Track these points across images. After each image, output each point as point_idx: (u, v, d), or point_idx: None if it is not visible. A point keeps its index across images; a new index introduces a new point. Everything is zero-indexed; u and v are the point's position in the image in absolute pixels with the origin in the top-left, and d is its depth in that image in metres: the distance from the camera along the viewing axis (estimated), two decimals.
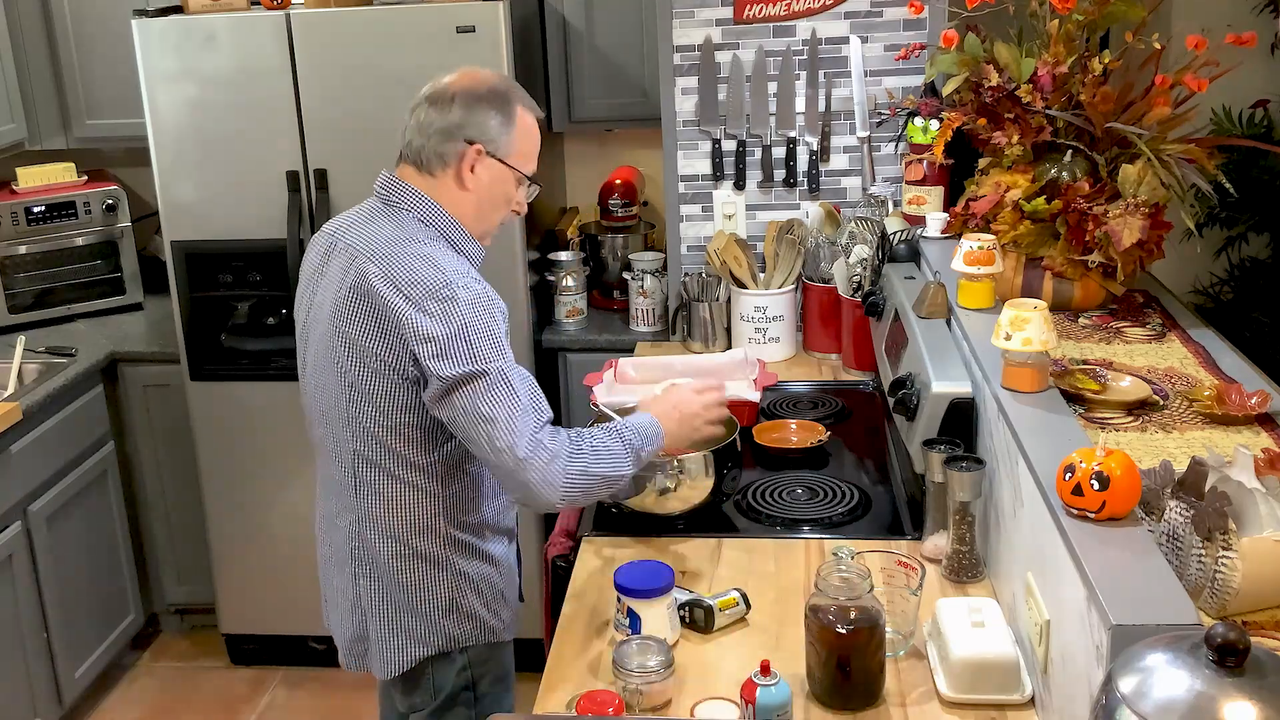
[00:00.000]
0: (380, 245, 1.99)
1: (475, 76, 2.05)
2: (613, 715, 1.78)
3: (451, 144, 2.02)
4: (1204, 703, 1.12)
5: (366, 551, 2.10)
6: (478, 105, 2.01)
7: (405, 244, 1.98)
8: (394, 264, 1.96)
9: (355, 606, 2.15)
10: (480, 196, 2.06)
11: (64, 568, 3.41)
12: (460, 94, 2.02)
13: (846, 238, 3.14)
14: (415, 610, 2.10)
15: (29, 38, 3.73)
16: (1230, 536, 1.47)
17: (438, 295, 1.93)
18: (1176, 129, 2.35)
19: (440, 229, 2.04)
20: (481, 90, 2.02)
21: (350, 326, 1.98)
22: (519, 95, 2.07)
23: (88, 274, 3.91)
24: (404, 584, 2.09)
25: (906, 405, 2.26)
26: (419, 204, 2.04)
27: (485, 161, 2.03)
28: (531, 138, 2.08)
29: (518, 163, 2.07)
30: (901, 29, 3.18)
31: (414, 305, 1.93)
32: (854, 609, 1.80)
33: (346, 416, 2.04)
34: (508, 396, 1.94)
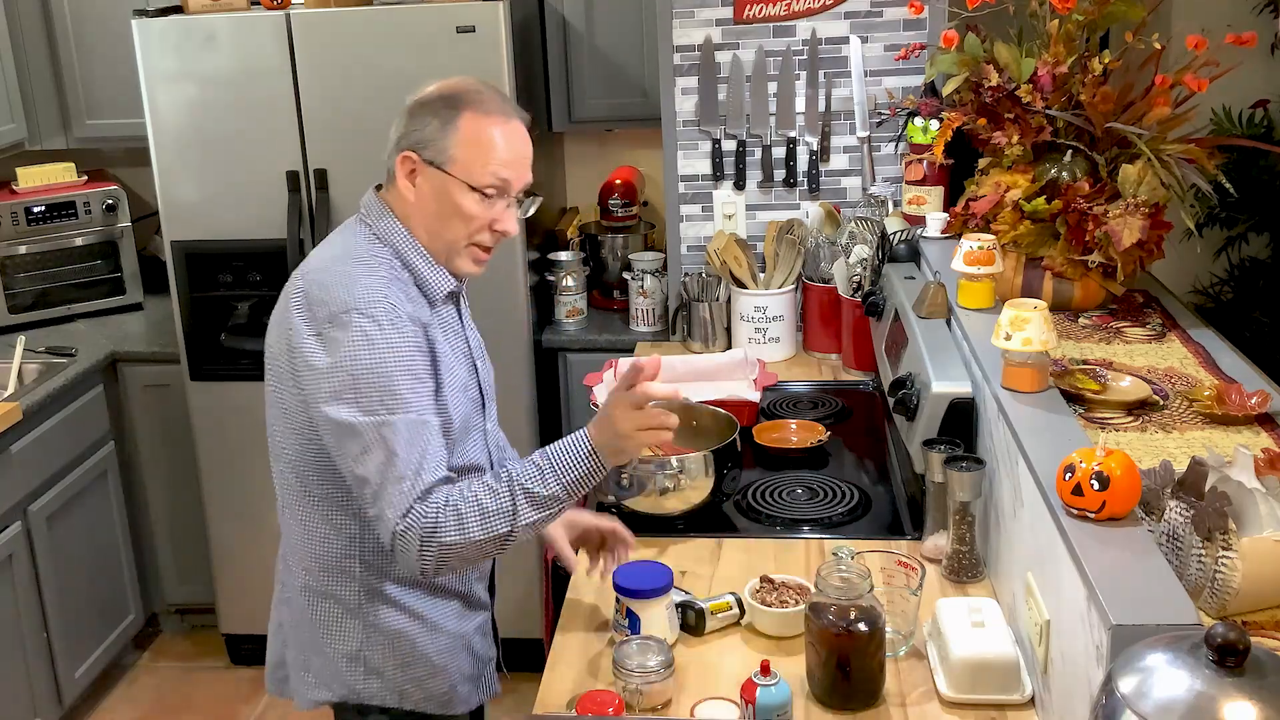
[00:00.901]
0: (316, 262, 1.88)
1: (442, 84, 1.89)
2: (613, 715, 1.78)
3: (396, 153, 1.87)
4: (1204, 703, 1.12)
5: (288, 580, 2.01)
6: (420, 111, 1.85)
7: (339, 261, 1.85)
8: (316, 281, 1.82)
9: (278, 631, 2.06)
10: (424, 209, 1.86)
11: (64, 568, 3.41)
12: (413, 102, 1.87)
13: (846, 238, 3.14)
14: (321, 652, 1.96)
15: (29, 38, 3.73)
16: (1230, 536, 1.47)
17: (336, 319, 1.77)
18: (1176, 129, 2.35)
19: (396, 248, 1.88)
20: (430, 96, 1.86)
21: (274, 350, 1.88)
22: (477, 100, 1.85)
23: (88, 274, 3.91)
24: (313, 621, 1.96)
25: (906, 405, 2.26)
26: (379, 221, 1.89)
27: (423, 170, 1.85)
28: (479, 141, 1.83)
29: (460, 171, 1.83)
30: (901, 29, 3.18)
31: (311, 327, 1.79)
32: (854, 609, 1.80)
33: (274, 437, 1.93)
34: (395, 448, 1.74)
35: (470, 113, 1.84)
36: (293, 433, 1.88)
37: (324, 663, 1.97)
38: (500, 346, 3.43)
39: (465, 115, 1.83)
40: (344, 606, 1.93)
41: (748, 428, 2.74)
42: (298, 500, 1.93)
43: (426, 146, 1.84)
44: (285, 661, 2.04)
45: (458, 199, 1.85)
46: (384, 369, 1.76)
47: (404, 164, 1.86)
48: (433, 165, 1.84)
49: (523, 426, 3.43)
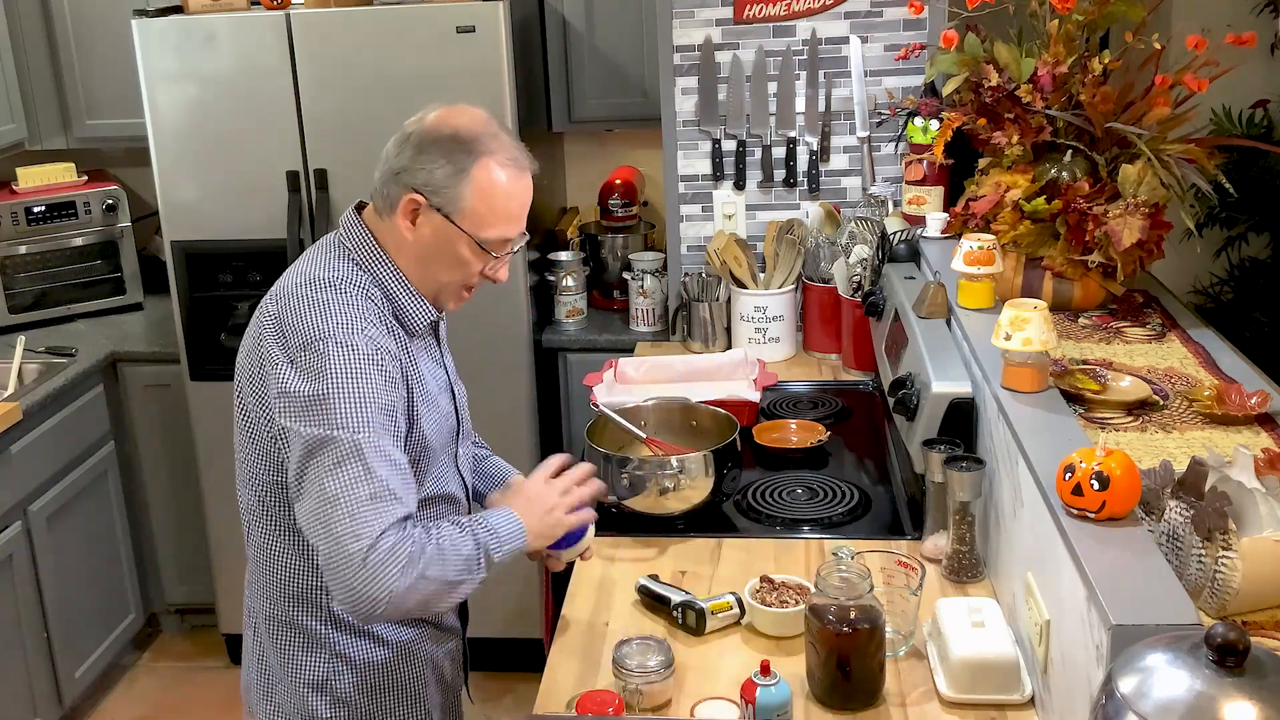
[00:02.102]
0: (291, 286, 1.79)
1: (448, 117, 1.78)
2: (613, 715, 1.78)
3: (395, 187, 1.77)
4: (1204, 703, 1.12)
5: (252, 606, 1.95)
6: (429, 149, 1.75)
7: (315, 287, 1.77)
8: (289, 306, 1.75)
9: (248, 653, 1.99)
10: (422, 251, 1.79)
11: (64, 568, 3.41)
12: (420, 133, 1.76)
13: (846, 238, 3.14)
14: (285, 681, 1.90)
15: (29, 38, 3.73)
16: (1230, 536, 1.47)
17: (310, 347, 1.70)
18: (1176, 129, 2.35)
19: (376, 276, 1.81)
20: (443, 133, 1.75)
21: (245, 371, 1.81)
22: (492, 148, 1.76)
23: (88, 274, 3.91)
24: (277, 649, 1.89)
25: (906, 405, 2.26)
26: (360, 246, 1.82)
27: (427, 214, 1.77)
28: (493, 197, 1.76)
29: (468, 224, 1.76)
30: (901, 29, 3.18)
31: (286, 354, 1.72)
32: (854, 609, 1.80)
33: (240, 458, 1.86)
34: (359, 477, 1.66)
35: (485, 162, 1.75)
36: (259, 457, 1.81)
37: (287, 691, 1.90)
38: (500, 346, 3.44)
39: (480, 165, 1.75)
40: (307, 635, 1.87)
41: (748, 428, 2.74)
42: (261, 526, 1.86)
43: (436, 192, 1.76)
44: (251, 685, 1.98)
45: (459, 249, 1.79)
46: (358, 398, 1.69)
47: (408, 204, 1.77)
48: (439, 212, 1.77)
49: (523, 426, 3.44)
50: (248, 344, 1.82)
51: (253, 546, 1.91)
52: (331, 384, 1.68)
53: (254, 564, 1.92)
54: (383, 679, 1.91)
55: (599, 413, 2.56)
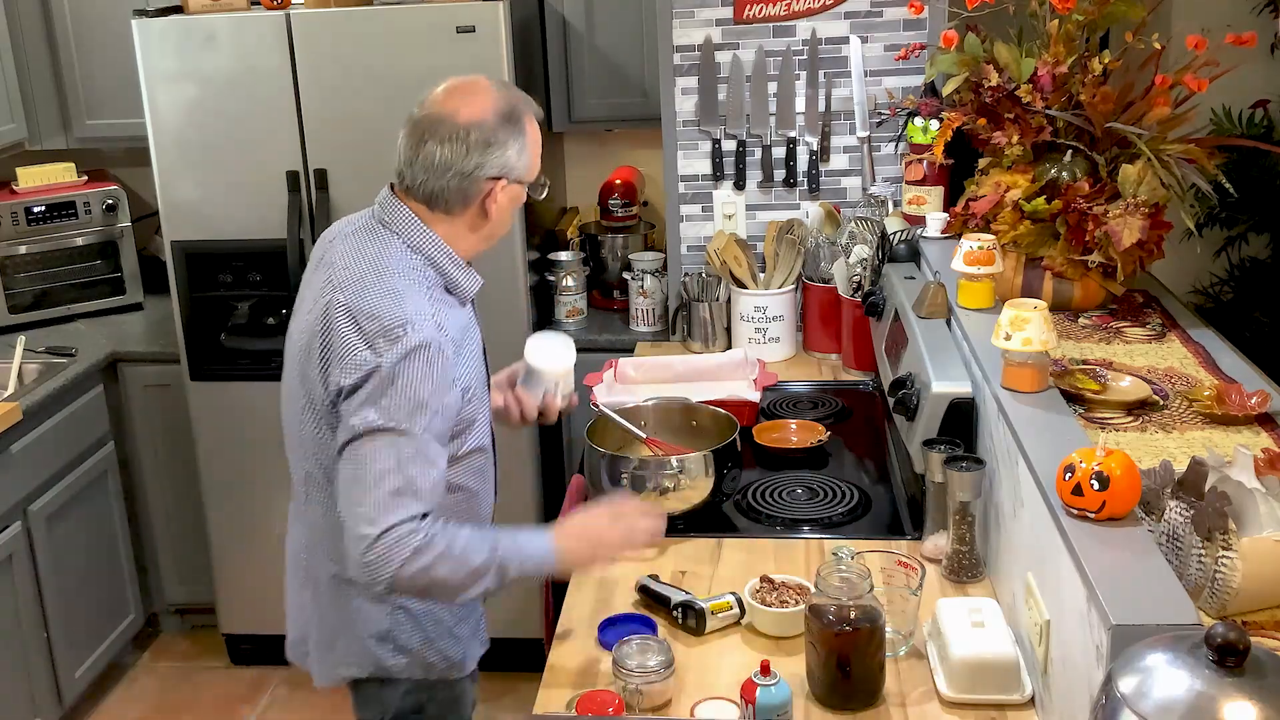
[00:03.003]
0: (355, 273, 1.90)
1: (481, 100, 1.90)
2: (613, 715, 1.78)
3: (474, 185, 1.90)
4: (1204, 703, 1.12)
5: (312, 567, 2.06)
6: (495, 138, 1.89)
7: (379, 275, 1.88)
8: (360, 295, 1.86)
9: (300, 612, 2.13)
10: (499, 219, 1.97)
11: (64, 568, 3.41)
12: (475, 128, 1.88)
13: (846, 238, 3.14)
14: (349, 634, 2.03)
15: (29, 38, 3.73)
16: (1230, 536, 1.47)
17: (388, 334, 1.82)
18: (1176, 129, 2.35)
19: (429, 256, 1.93)
20: (492, 120, 1.88)
21: (313, 348, 1.91)
22: (523, 107, 1.94)
23: (88, 274, 3.91)
24: (341, 607, 2.02)
25: (906, 405, 2.26)
26: (409, 229, 1.93)
27: (509, 190, 1.94)
28: (537, 144, 1.97)
29: (531, 176, 1.98)
30: (901, 29, 3.18)
31: (364, 339, 1.83)
32: (854, 609, 1.80)
33: (302, 434, 1.99)
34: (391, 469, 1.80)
35: (528, 119, 1.94)
36: (322, 430, 1.93)
37: (351, 643, 2.04)
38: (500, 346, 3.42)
39: (527, 124, 1.94)
40: (373, 592, 1.95)
41: (748, 428, 2.74)
42: (325, 496, 1.97)
43: (513, 169, 1.93)
44: (306, 640, 2.13)
45: (521, 198, 1.99)
46: (417, 399, 1.82)
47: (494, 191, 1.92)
48: (519, 183, 1.96)
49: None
50: (311, 328, 1.92)
51: (315, 517, 2.02)
52: (399, 380, 1.81)
53: (314, 531, 2.03)
54: (438, 625, 2.05)
55: (599, 413, 2.56)
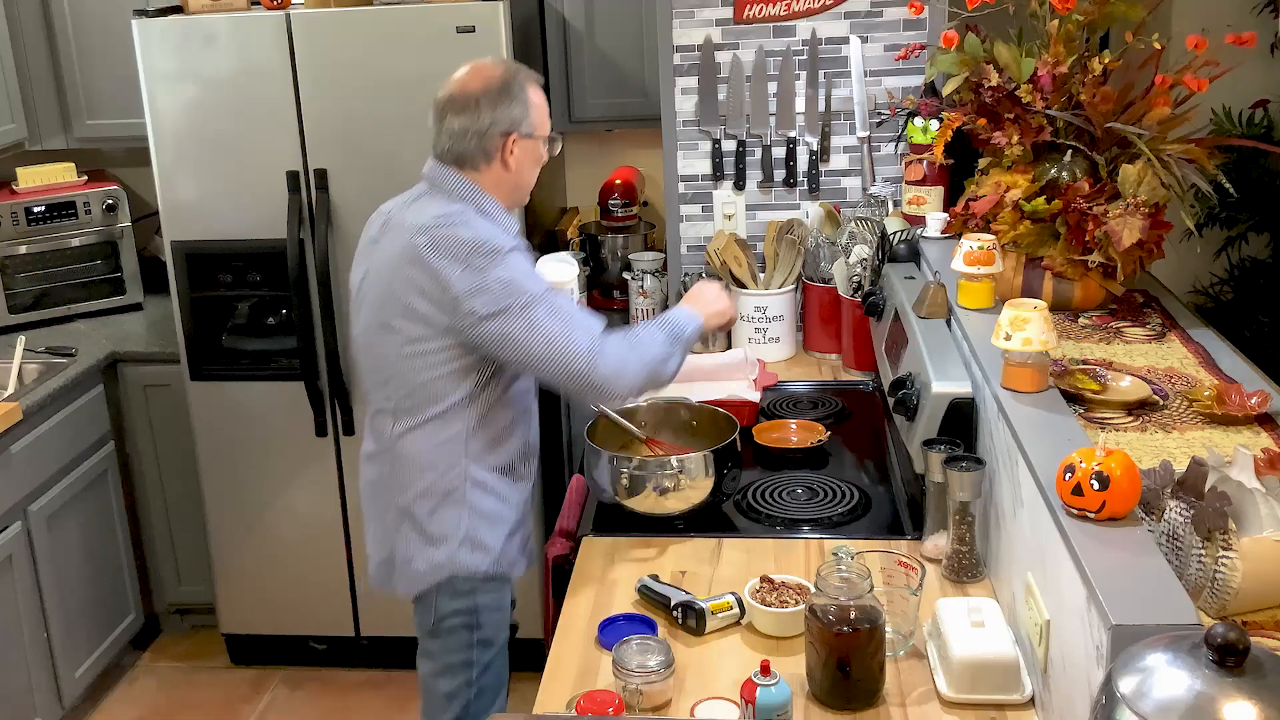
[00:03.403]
0: (429, 221, 2.23)
1: (485, 74, 2.30)
2: (613, 715, 1.78)
3: (490, 141, 2.28)
4: (1204, 703, 1.12)
5: (400, 486, 2.33)
6: (499, 101, 2.28)
7: (450, 218, 2.23)
8: (441, 234, 2.20)
9: (387, 533, 2.37)
10: (520, 170, 2.33)
11: (64, 568, 3.41)
12: (482, 96, 2.27)
13: (846, 238, 3.14)
14: (437, 540, 2.31)
15: (29, 38, 3.73)
16: (1230, 536, 1.47)
17: (479, 252, 2.19)
18: (1176, 129, 2.35)
19: (479, 207, 2.29)
20: (496, 85, 2.28)
21: (407, 291, 2.21)
22: (523, 75, 2.33)
23: (88, 274, 3.91)
24: (431, 516, 2.30)
25: (906, 405, 2.26)
26: (461, 188, 2.29)
27: (521, 143, 2.30)
28: (543, 106, 2.36)
29: (540, 131, 2.35)
30: (901, 29, 3.18)
31: (460, 262, 2.18)
32: (854, 609, 1.80)
33: (396, 369, 2.27)
34: (562, 315, 2.22)
35: (529, 85, 2.33)
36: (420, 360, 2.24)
37: (438, 549, 2.31)
38: None
39: (529, 88, 2.33)
40: (454, 499, 2.29)
41: (748, 428, 2.74)
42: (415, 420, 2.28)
43: (519, 124, 2.30)
44: (394, 558, 2.37)
45: (540, 151, 2.36)
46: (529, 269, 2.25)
47: (509, 145, 2.29)
48: (526, 137, 2.31)
49: None
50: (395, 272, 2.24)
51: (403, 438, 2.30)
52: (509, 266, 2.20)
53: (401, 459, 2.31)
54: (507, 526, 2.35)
55: (599, 413, 2.56)
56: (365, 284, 2.34)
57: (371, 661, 3.75)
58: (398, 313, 2.23)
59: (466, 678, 2.36)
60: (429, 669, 2.39)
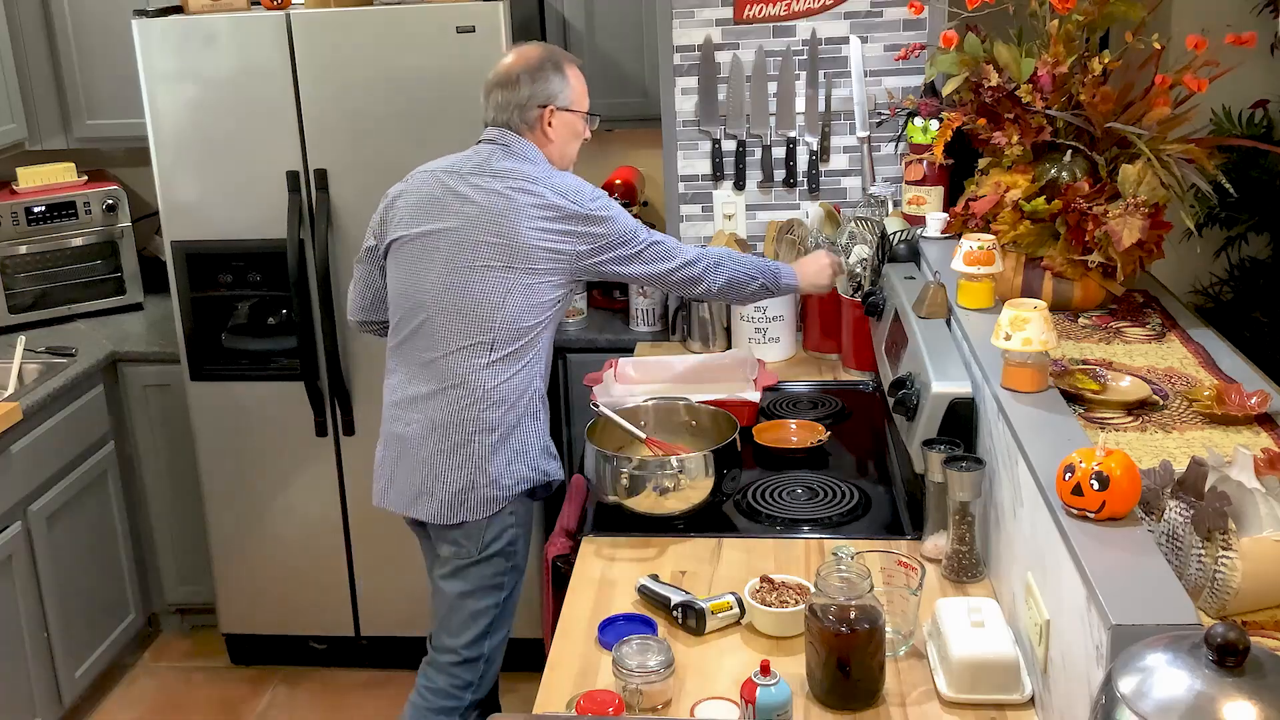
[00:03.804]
0: (529, 172, 2.53)
1: (527, 54, 2.60)
2: (613, 715, 1.78)
3: (531, 112, 2.57)
4: (1204, 703, 1.12)
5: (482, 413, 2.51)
6: (537, 76, 2.56)
7: (550, 174, 2.56)
8: (553, 185, 2.51)
9: (466, 462, 2.52)
10: (561, 140, 2.62)
11: (64, 568, 3.41)
12: (522, 73, 2.56)
13: (846, 238, 3.14)
14: (523, 457, 2.55)
15: (29, 38, 3.73)
16: (1230, 536, 1.47)
17: (595, 197, 2.55)
18: (1176, 129, 2.35)
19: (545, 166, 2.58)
20: (535, 63, 2.57)
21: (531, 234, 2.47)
22: (562, 54, 2.63)
23: (88, 274, 3.91)
24: (515, 434, 2.54)
25: (906, 405, 2.26)
26: (529, 150, 2.58)
27: (559, 115, 2.59)
28: (582, 83, 2.64)
29: (578, 105, 2.63)
30: (901, 29, 3.18)
31: (581, 207, 2.51)
32: (854, 609, 1.80)
33: (484, 310, 2.48)
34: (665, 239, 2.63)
35: (567, 64, 2.61)
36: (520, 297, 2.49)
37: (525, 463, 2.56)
38: None
39: (567, 67, 2.61)
40: (530, 416, 2.57)
41: (748, 428, 2.74)
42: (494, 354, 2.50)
43: (557, 96, 2.59)
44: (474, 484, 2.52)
45: (579, 126, 2.65)
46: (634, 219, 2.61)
47: (547, 115, 2.58)
48: (566, 110, 2.60)
49: None
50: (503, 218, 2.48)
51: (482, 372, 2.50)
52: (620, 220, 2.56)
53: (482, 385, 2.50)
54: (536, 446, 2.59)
55: (599, 413, 2.56)
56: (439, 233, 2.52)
57: (371, 661, 3.75)
58: (505, 255, 2.46)
59: (496, 600, 2.58)
60: (459, 589, 2.57)
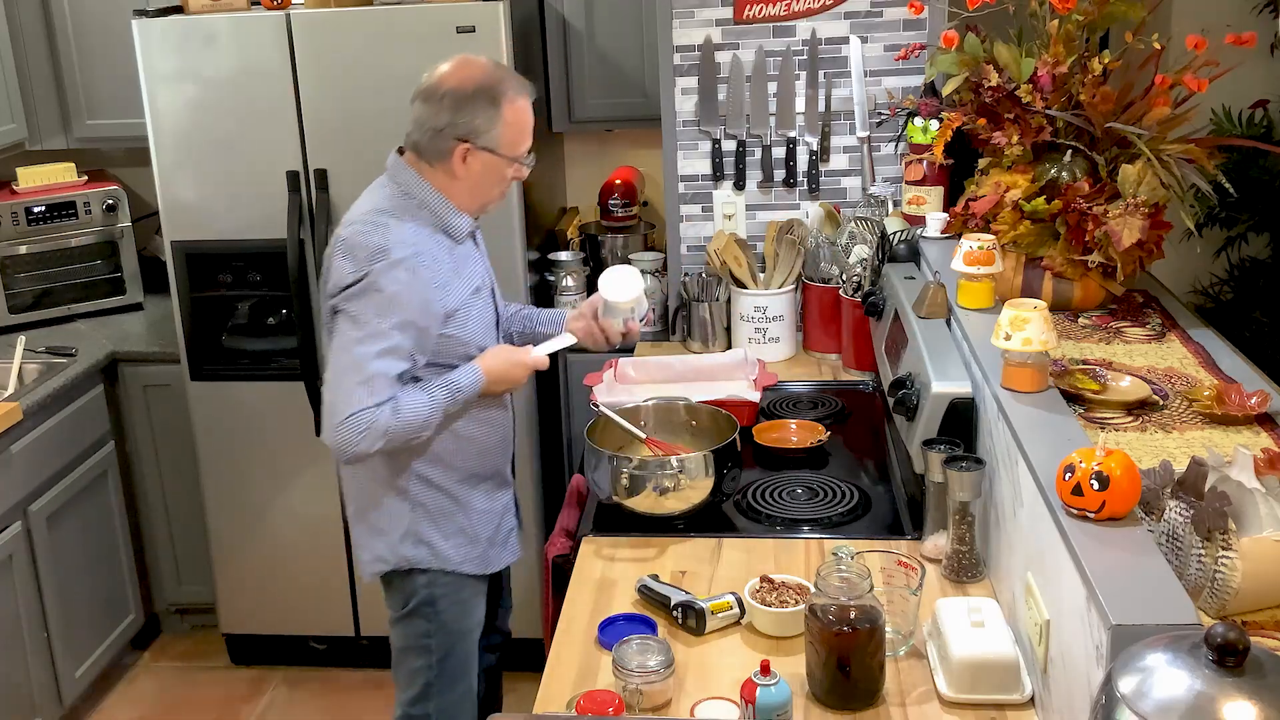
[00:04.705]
0: (356, 215, 2.29)
1: (465, 73, 2.25)
2: (613, 715, 1.78)
3: (444, 142, 2.25)
4: (1204, 703, 1.12)
5: (350, 478, 2.44)
6: (465, 104, 2.22)
7: (375, 213, 2.26)
8: (355, 229, 2.25)
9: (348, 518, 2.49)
10: (472, 182, 2.30)
11: (64, 568, 3.41)
12: (449, 93, 2.23)
13: (846, 238, 3.14)
14: (378, 530, 2.41)
15: (29, 38, 3.73)
16: (1230, 536, 1.47)
17: (372, 256, 2.20)
18: (1176, 129, 2.35)
19: (422, 200, 2.29)
20: (469, 89, 2.23)
21: (327, 286, 2.29)
22: (507, 86, 2.26)
23: (88, 274, 3.91)
24: (373, 507, 2.40)
25: (906, 405, 2.26)
26: (410, 181, 2.30)
27: (476, 154, 2.26)
28: (519, 124, 2.28)
29: (506, 150, 2.29)
30: (901, 29, 3.18)
31: (355, 265, 2.21)
32: (854, 609, 1.80)
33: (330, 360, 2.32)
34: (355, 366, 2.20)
35: (506, 102, 2.25)
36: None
37: (381, 539, 2.41)
38: None
39: (505, 105, 2.25)
40: (395, 492, 2.37)
41: (748, 428, 2.74)
42: None
43: (479, 136, 2.25)
44: (356, 543, 2.47)
45: (503, 170, 2.31)
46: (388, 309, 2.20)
47: (460, 153, 2.25)
48: (486, 150, 2.27)
49: (523, 426, 3.43)
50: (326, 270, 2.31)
51: None
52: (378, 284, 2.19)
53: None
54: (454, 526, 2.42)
55: (599, 413, 2.56)
56: None
57: (371, 661, 3.75)
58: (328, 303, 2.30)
59: (428, 662, 2.45)
60: (396, 644, 2.50)
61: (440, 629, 2.44)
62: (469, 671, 2.50)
